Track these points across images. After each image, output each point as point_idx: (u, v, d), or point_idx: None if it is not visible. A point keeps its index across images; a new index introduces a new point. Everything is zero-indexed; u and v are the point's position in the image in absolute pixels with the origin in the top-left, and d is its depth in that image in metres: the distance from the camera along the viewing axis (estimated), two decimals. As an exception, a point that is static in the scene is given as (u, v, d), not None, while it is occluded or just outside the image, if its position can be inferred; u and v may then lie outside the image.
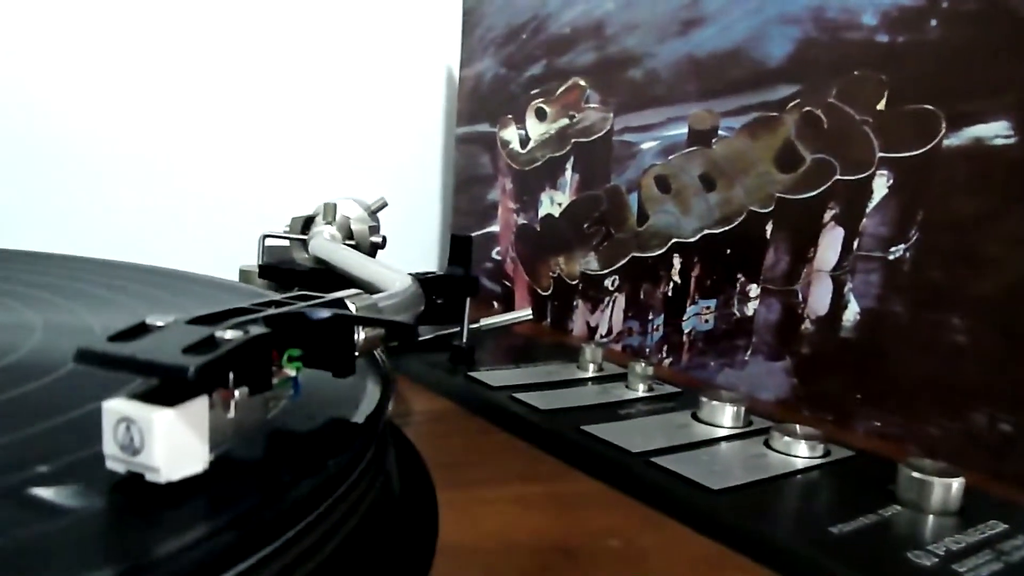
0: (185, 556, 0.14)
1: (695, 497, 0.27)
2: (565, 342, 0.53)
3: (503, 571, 0.22)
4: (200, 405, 0.16)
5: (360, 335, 0.21)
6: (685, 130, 0.46)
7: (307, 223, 0.48)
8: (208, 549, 0.15)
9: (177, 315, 0.17)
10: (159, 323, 0.17)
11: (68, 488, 0.16)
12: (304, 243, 0.46)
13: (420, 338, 0.46)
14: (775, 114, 0.41)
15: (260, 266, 0.46)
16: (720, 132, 0.44)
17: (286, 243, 0.49)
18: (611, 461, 0.30)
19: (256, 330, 0.17)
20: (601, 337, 0.53)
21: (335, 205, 0.47)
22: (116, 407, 0.16)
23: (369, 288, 0.32)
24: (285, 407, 0.20)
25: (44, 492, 0.16)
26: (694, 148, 0.46)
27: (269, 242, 0.48)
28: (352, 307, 0.22)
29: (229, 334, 0.17)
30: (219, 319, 0.18)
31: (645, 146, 0.49)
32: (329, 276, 0.42)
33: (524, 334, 0.52)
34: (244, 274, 0.48)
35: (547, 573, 0.22)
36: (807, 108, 0.40)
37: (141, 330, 0.17)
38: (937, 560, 0.23)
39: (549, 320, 0.58)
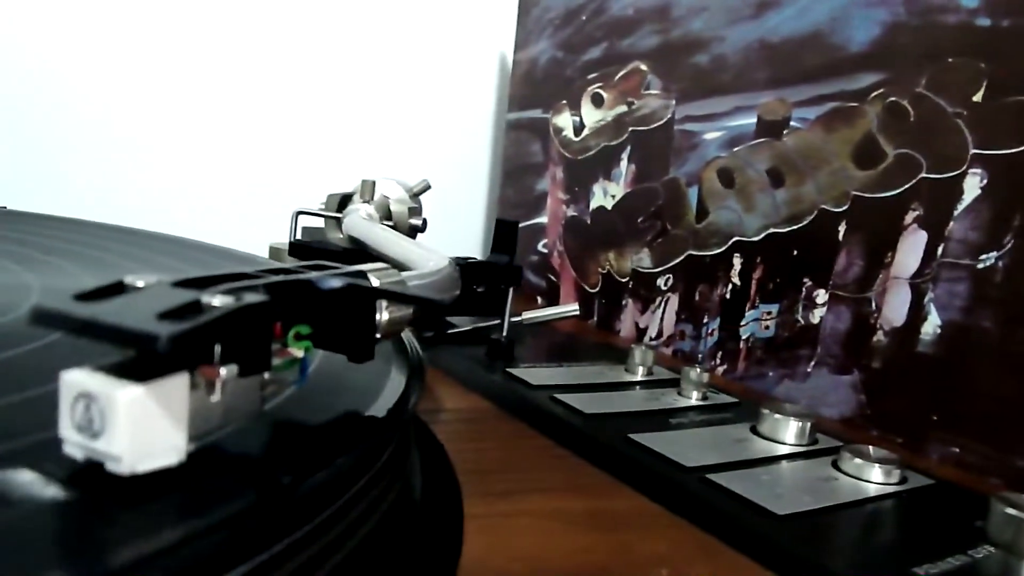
0: (143, 568, 0.11)
1: (757, 523, 0.24)
2: (612, 343, 0.49)
3: (534, 602, 0.19)
4: (178, 384, 0.13)
5: (383, 315, 0.18)
6: (753, 120, 0.43)
7: (344, 201, 0.46)
8: (174, 562, 0.12)
9: (162, 276, 0.15)
10: (139, 283, 0.14)
11: (15, 475, 0.13)
12: (339, 221, 0.44)
13: (457, 330, 0.43)
14: (855, 104, 0.38)
15: (290, 243, 0.44)
16: (792, 123, 0.41)
17: (321, 223, 0.46)
18: (662, 476, 0.27)
19: (252, 298, 0.14)
20: (651, 339, 0.50)
21: (373, 183, 0.44)
22: (75, 380, 0.13)
23: (402, 268, 0.29)
24: (289, 394, 0.17)
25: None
26: (762, 140, 0.42)
27: (304, 220, 0.46)
28: (374, 280, 0.19)
29: (218, 300, 0.14)
30: (211, 283, 0.15)
31: (708, 137, 0.46)
32: (363, 257, 0.39)
33: (568, 332, 0.49)
34: (274, 251, 0.46)
35: (586, 606, 0.19)
36: (892, 98, 0.36)
37: (116, 290, 0.14)
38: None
39: (596, 319, 0.55)
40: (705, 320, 0.46)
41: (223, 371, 0.14)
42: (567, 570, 0.21)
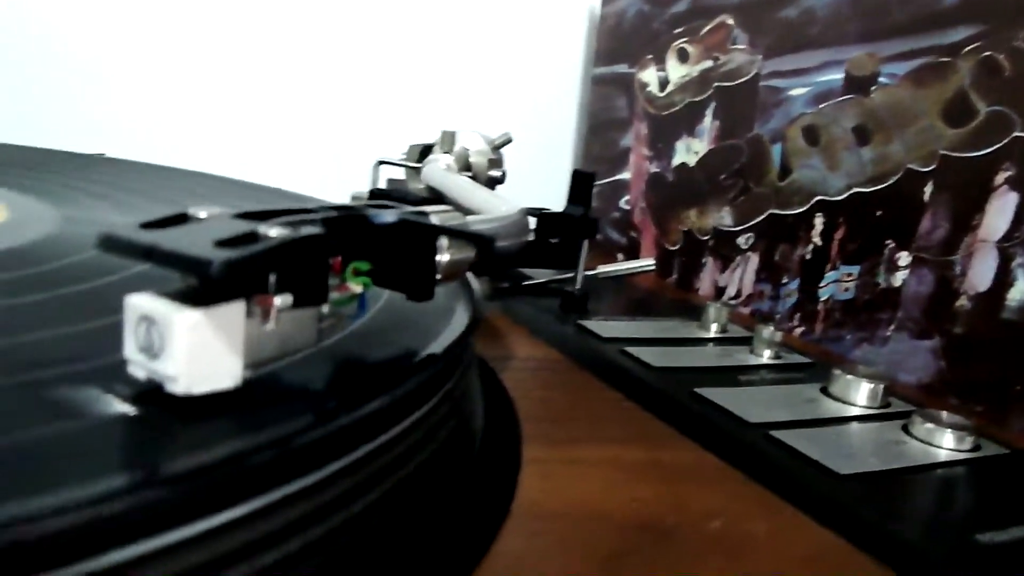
0: (193, 481, 0.12)
1: (818, 481, 0.24)
2: (689, 300, 0.49)
3: (579, 548, 0.20)
4: (234, 311, 0.14)
5: (444, 256, 0.19)
6: (841, 76, 0.42)
7: (425, 152, 0.46)
8: (224, 475, 0.13)
9: (224, 208, 0.15)
10: (201, 214, 0.15)
11: (87, 392, 0.14)
12: (419, 171, 0.44)
13: (533, 282, 0.44)
14: (947, 59, 0.36)
15: (370, 192, 0.45)
16: (881, 79, 0.39)
17: (404, 174, 0.47)
18: (724, 430, 0.27)
19: (307, 230, 0.15)
20: (729, 299, 0.49)
21: (454, 134, 0.45)
22: (138, 303, 0.14)
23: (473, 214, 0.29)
24: (350, 330, 0.18)
25: (62, 392, 0.14)
26: (849, 96, 0.41)
27: (386, 171, 0.47)
28: (434, 220, 0.19)
29: (274, 231, 0.14)
30: (271, 216, 0.15)
31: (794, 93, 0.45)
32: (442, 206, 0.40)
33: (645, 288, 0.49)
34: (354, 200, 0.47)
35: (631, 557, 0.20)
36: (987, 53, 0.35)
37: (180, 220, 0.15)
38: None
39: (675, 277, 0.55)
40: (784, 280, 0.45)
41: (278, 300, 0.14)
42: (621, 519, 0.22)
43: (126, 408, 0.14)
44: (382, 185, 0.48)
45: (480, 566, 0.18)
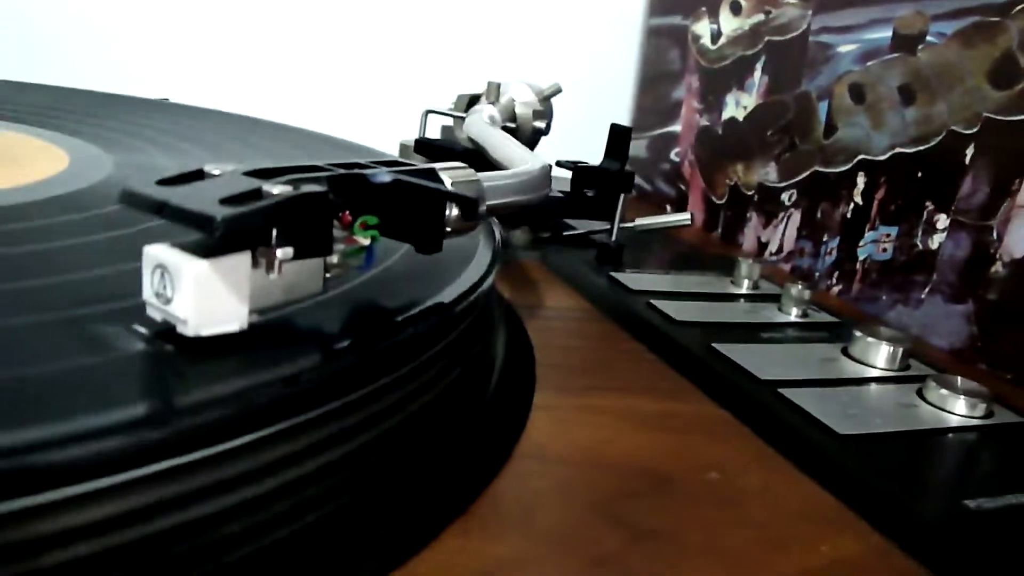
0: (197, 415, 0.14)
1: (816, 439, 0.24)
2: (728, 255, 0.50)
3: (579, 491, 0.21)
4: (240, 262, 0.15)
5: (453, 211, 0.20)
6: (889, 34, 0.41)
7: (472, 102, 0.47)
8: (231, 408, 0.14)
9: (237, 165, 0.17)
10: (215, 171, 0.16)
11: (112, 329, 0.16)
12: (464, 121, 0.46)
13: (572, 232, 0.45)
14: (997, 19, 0.35)
15: (416, 141, 0.46)
16: (928, 38, 0.39)
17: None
18: (734, 385, 0.28)
19: (308, 188, 0.16)
20: (771, 255, 0.50)
21: (499, 85, 0.46)
22: (154, 252, 0.15)
23: (501, 168, 0.30)
24: (359, 278, 0.19)
25: (96, 329, 0.16)
26: (896, 55, 0.41)
27: (435, 120, 0.48)
28: (446, 179, 0.20)
29: (277, 189, 0.15)
30: (278, 173, 0.17)
31: (843, 49, 0.44)
32: (482, 157, 0.41)
33: (688, 242, 0.50)
34: (403, 148, 0.48)
35: (628, 501, 0.21)
36: (1037, 15, 0.34)
37: (195, 176, 0.16)
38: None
39: (720, 231, 0.55)
40: (825, 239, 0.45)
41: (279, 253, 0.16)
42: (623, 465, 0.23)
43: (144, 346, 0.16)
44: (434, 133, 0.50)
45: (476, 502, 0.19)
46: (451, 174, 0.21)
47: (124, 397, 0.14)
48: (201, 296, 0.15)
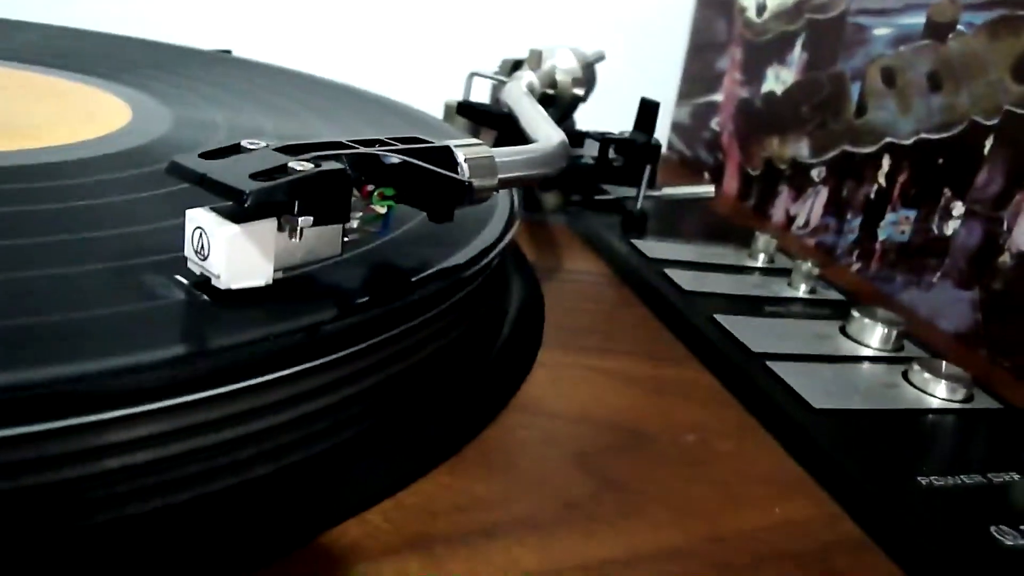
0: (232, 352, 0.17)
1: (790, 411, 0.26)
2: (753, 227, 0.51)
3: (563, 441, 0.23)
4: (266, 227, 0.18)
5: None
6: (922, 20, 0.42)
7: (516, 66, 0.49)
8: (258, 351, 0.17)
9: (270, 140, 0.19)
10: (251, 146, 0.19)
11: (158, 279, 0.19)
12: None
13: (602, 197, 0.47)
14: (1022, 13, 0.36)
15: (459, 104, 0.48)
16: (959, 27, 0.40)
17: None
18: (725, 355, 0.29)
19: (328, 165, 0.19)
20: (798, 228, 0.51)
21: (540, 52, 0.47)
22: (194, 215, 0.18)
23: (528, 140, 0.32)
24: (380, 242, 0.22)
25: (144, 278, 0.19)
26: (927, 42, 0.41)
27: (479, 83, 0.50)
28: (460, 156, 0.22)
29: (300, 166, 0.18)
30: (304, 150, 0.19)
31: (878, 32, 0.45)
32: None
33: (719, 213, 0.51)
34: (448, 108, 0.50)
35: (607, 452, 0.23)
36: (1062, 12, 0.34)
37: (233, 150, 0.19)
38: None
39: (753, 202, 0.56)
40: (848, 216, 0.46)
41: (301, 220, 0.18)
42: (608, 421, 0.25)
43: (185, 294, 0.19)
44: (484, 94, 0.51)
45: (467, 447, 0.22)
46: (465, 151, 0.23)
47: (168, 337, 0.17)
48: (232, 255, 0.18)
